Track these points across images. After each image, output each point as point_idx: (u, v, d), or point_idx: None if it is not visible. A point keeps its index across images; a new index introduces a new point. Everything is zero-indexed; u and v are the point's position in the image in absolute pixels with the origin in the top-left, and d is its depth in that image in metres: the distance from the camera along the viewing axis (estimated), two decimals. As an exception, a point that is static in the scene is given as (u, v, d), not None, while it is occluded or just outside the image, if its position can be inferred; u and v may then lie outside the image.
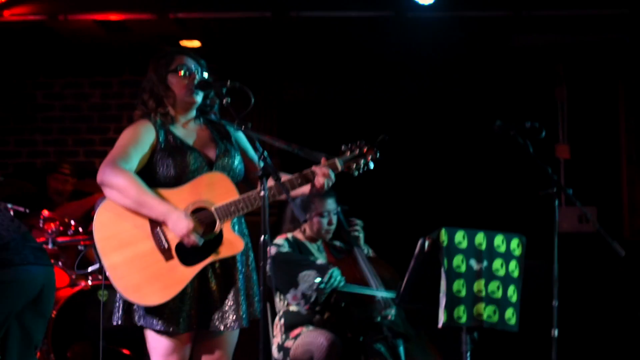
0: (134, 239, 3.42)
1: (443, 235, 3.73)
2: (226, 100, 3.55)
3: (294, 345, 4.66)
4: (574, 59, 7.06)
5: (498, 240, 3.84)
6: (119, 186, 3.41)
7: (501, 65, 7.06)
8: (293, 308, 4.76)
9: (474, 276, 3.77)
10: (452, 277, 3.72)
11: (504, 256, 3.84)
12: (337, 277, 4.54)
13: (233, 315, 3.52)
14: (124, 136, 3.57)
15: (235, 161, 3.65)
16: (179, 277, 3.41)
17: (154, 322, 3.47)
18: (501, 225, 4.12)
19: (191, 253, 3.43)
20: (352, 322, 4.66)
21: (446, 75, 7.16)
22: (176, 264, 3.42)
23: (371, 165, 3.66)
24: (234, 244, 3.47)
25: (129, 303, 3.51)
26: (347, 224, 4.99)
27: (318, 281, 4.50)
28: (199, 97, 3.64)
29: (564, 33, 6.52)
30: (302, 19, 6.15)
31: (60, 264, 5.70)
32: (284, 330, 4.79)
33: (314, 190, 3.55)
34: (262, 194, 3.32)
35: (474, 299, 3.76)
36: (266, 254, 3.26)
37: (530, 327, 4.31)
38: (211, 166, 3.59)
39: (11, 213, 5.27)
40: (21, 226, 4.40)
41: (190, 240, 3.39)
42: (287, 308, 4.81)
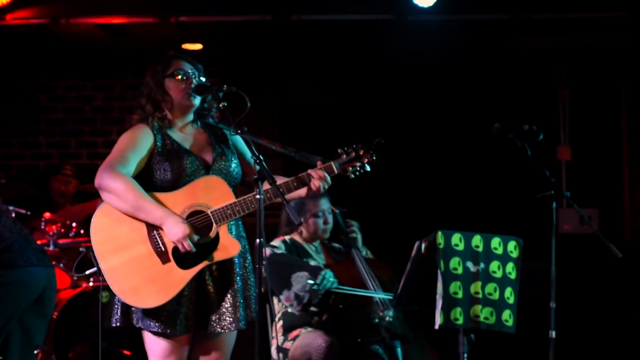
0: (130, 242, 3.44)
1: (439, 237, 3.75)
2: (223, 104, 3.56)
3: (293, 346, 4.67)
4: (575, 62, 7.06)
5: (495, 243, 3.86)
6: (117, 190, 3.43)
7: (502, 68, 7.06)
8: (292, 309, 4.77)
9: (470, 278, 3.79)
10: (449, 279, 3.74)
11: (501, 258, 3.85)
12: (329, 279, 4.55)
13: (230, 317, 3.53)
14: (122, 140, 3.58)
15: (232, 164, 3.66)
16: (175, 279, 3.43)
17: (152, 324, 3.49)
18: (503, 228, 4.14)
19: (188, 256, 3.45)
20: (350, 324, 4.67)
21: (447, 78, 7.17)
22: (173, 267, 3.44)
23: (367, 168, 3.65)
24: (230, 247, 3.48)
25: (128, 305, 3.53)
26: (344, 225, 5.01)
27: (311, 283, 4.52)
28: (196, 101, 3.65)
29: (565, 36, 6.52)
30: (303, 22, 6.17)
31: (61, 265, 5.73)
32: (282, 331, 4.80)
33: (310, 193, 3.57)
34: (257, 197, 3.35)
35: (470, 301, 3.78)
36: (262, 257, 3.29)
37: (530, 329, 4.33)
38: (208, 170, 3.60)
39: (13, 215, 5.31)
40: (23, 228, 4.44)
41: (185, 246, 3.41)
42: (286, 310, 4.82)
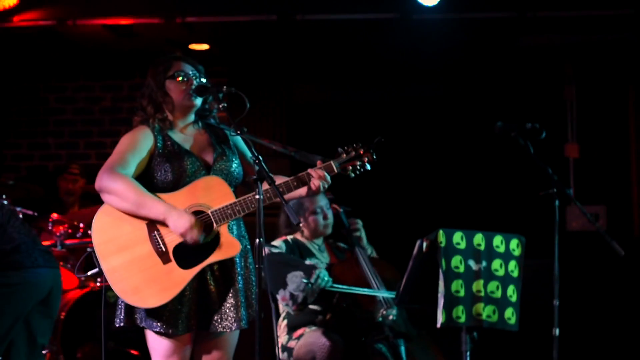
0: (131, 242, 3.46)
1: (441, 236, 3.75)
2: (222, 104, 3.59)
3: (297, 345, 4.68)
4: (582, 59, 7.04)
5: (497, 241, 3.85)
6: (117, 190, 3.46)
7: (509, 66, 7.05)
8: (288, 309, 4.79)
9: (472, 276, 3.79)
10: (451, 277, 3.74)
11: (503, 256, 3.85)
12: (324, 278, 4.55)
13: (232, 317, 3.55)
14: (122, 142, 3.62)
15: (233, 165, 3.68)
16: (176, 279, 3.45)
17: (154, 324, 3.51)
18: (509, 225, 4.15)
19: (188, 256, 3.47)
20: (354, 323, 4.68)
21: (453, 77, 7.17)
22: (174, 266, 3.46)
23: (367, 167, 3.66)
24: (231, 247, 3.50)
25: (131, 305, 3.55)
26: (348, 224, 5.02)
27: (305, 282, 4.53)
28: (197, 102, 3.68)
29: (570, 33, 6.51)
30: (308, 22, 6.18)
31: (68, 266, 5.76)
32: (287, 330, 4.81)
33: (310, 192, 3.58)
34: (257, 197, 3.37)
35: (473, 299, 3.78)
36: (261, 257, 3.30)
37: (536, 327, 4.33)
38: (209, 170, 3.62)
39: (20, 216, 5.35)
40: (31, 230, 4.48)
41: (193, 236, 3.42)
42: (291, 308, 4.84)
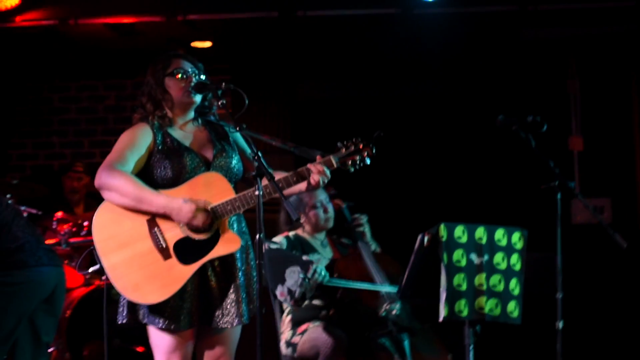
0: (132, 239, 3.48)
1: (442, 230, 3.75)
2: (222, 101, 3.60)
3: (301, 340, 4.69)
4: (585, 52, 7.02)
5: (499, 234, 3.85)
6: (117, 186, 3.48)
7: (511, 60, 7.04)
8: (286, 304, 4.79)
9: (474, 270, 3.78)
10: (452, 271, 3.74)
11: (505, 250, 3.84)
12: (320, 272, 4.55)
13: (233, 312, 3.57)
14: (121, 140, 3.63)
15: (233, 161, 3.69)
16: (177, 275, 3.46)
17: (156, 320, 3.53)
18: (514, 219, 4.13)
19: (189, 252, 3.49)
20: (358, 317, 4.69)
21: (456, 71, 7.15)
22: (174, 262, 3.47)
23: (367, 162, 3.67)
24: (231, 242, 3.51)
25: (133, 302, 3.57)
26: (351, 219, 5.02)
27: (302, 277, 4.53)
28: (196, 99, 3.69)
29: (573, 26, 6.49)
30: (309, 18, 6.18)
31: (73, 264, 5.77)
32: (291, 326, 4.82)
33: (310, 187, 3.60)
34: (257, 193, 3.38)
35: (475, 293, 3.77)
36: (262, 252, 3.31)
37: (539, 320, 4.33)
38: (208, 166, 3.64)
39: (25, 215, 5.37)
40: (35, 229, 4.50)
41: (199, 221, 3.45)
42: (295, 304, 4.84)
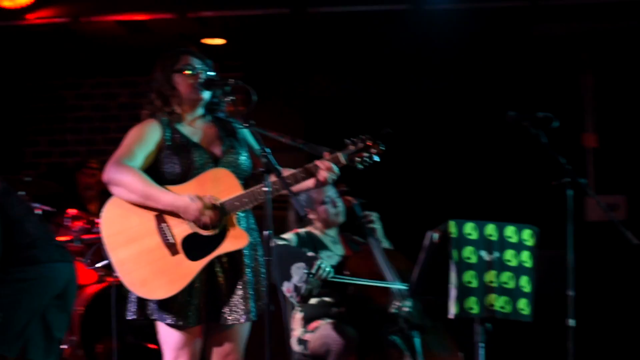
0: (140, 234, 3.50)
1: (452, 227, 3.75)
2: (231, 98, 3.60)
3: (312, 338, 4.69)
4: (598, 46, 6.97)
5: (509, 231, 3.85)
6: (125, 182, 3.49)
7: (523, 56, 6.99)
8: (311, 301, 4.79)
9: (485, 267, 3.79)
10: (462, 268, 3.74)
11: (516, 247, 3.84)
12: (325, 268, 4.53)
13: (241, 309, 3.57)
14: (130, 135, 3.64)
15: (242, 157, 3.70)
16: (184, 271, 3.47)
17: (165, 316, 3.54)
18: (527, 216, 4.13)
19: (196, 248, 3.49)
20: (369, 315, 4.68)
21: (467, 67, 7.11)
22: (182, 258, 3.48)
23: (375, 159, 3.66)
24: (238, 239, 3.52)
25: (142, 298, 3.58)
26: (362, 216, 5.01)
27: (306, 272, 4.52)
28: (204, 95, 3.69)
29: (585, 21, 6.45)
30: (321, 14, 6.18)
31: (88, 261, 5.79)
32: (302, 323, 4.82)
33: (318, 184, 3.60)
34: (265, 189, 3.38)
35: (485, 290, 3.77)
36: (270, 249, 3.31)
37: (551, 318, 4.31)
38: (217, 163, 3.64)
39: (39, 212, 5.40)
40: (47, 225, 4.52)
41: (207, 219, 3.46)
42: (305, 301, 4.84)
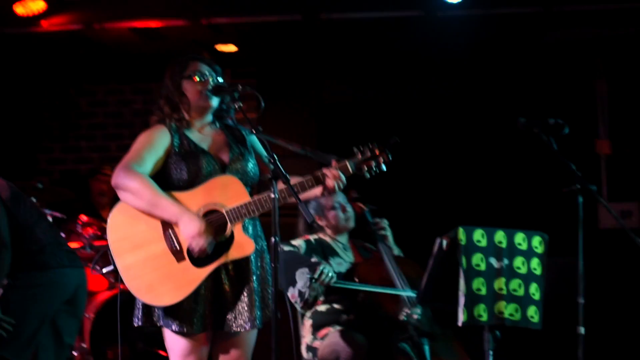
0: (146, 240, 3.50)
1: (461, 234, 3.73)
2: (239, 104, 3.61)
3: (322, 345, 4.68)
4: (612, 52, 6.95)
5: (519, 238, 3.82)
6: (133, 188, 3.49)
7: (537, 62, 6.98)
8: (320, 308, 4.79)
9: (494, 274, 3.76)
10: (471, 275, 3.71)
11: (526, 254, 3.81)
12: (328, 273, 4.52)
13: (246, 316, 3.56)
14: (139, 140, 3.65)
15: (250, 165, 3.69)
16: (190, 277, 3.47)
17: (170, 323, 3.54)
18: (540, 223, 4.11)
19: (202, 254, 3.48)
20: (378, 322, 4.67)
21: (480, 74, 7.10)
22: (188, 265, 3.48)
23: (383, 167, 3.65)
24: (244, 246, 3.52)
25: (149, 304, 3.58)
26: (373, 223, 5.00)
27: (309, 277, 4.51)
28: (213, 102, 3.70)
29: (598, 27, 6.42)
30: (332, 21, 6.19)
31: (98, 267, 5.81)
32: (312, 330, 4.81)
33: (325, 192, 3.59)
34: (272, 196, 3.38)
35: (494, 297, 3.75)
36: (277, 256, 3.31)
37: (561, 325, 4.29)
38: (224, 170, 3.64)
39: (50, 219, 5.42)
40: (57, 231, 4.54)
41: (200, 243, 3.44)
42: (315, 308, 4.84)
